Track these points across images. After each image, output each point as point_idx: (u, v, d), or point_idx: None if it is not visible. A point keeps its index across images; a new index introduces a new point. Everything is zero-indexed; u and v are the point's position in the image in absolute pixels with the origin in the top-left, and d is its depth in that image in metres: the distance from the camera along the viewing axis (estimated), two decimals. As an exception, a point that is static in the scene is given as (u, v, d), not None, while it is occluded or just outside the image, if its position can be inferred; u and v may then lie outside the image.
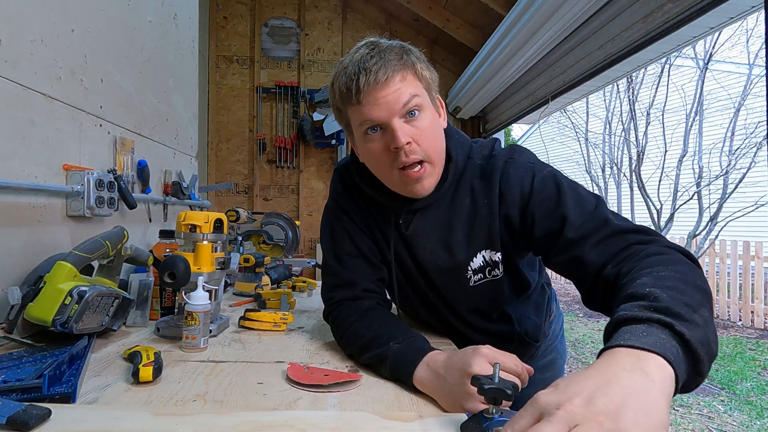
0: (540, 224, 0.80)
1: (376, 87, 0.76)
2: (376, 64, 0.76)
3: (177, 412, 0.58)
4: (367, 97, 0.77)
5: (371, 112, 0.78)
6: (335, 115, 0.89)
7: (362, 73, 0.76)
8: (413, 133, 0.78)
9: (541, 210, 0.80)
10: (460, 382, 0.61)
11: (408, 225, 0.91)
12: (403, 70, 0.78)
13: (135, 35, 1.65)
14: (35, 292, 0.82)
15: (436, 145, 0.82)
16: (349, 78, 0.78)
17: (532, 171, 0.83)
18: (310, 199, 4.18)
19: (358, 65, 0.77)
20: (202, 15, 3.15)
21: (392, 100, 0.77)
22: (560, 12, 2.11)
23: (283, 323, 1.06)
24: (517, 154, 0.88)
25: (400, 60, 0.78)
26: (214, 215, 1.00)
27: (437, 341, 0.97)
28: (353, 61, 0.79)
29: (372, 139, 0.81)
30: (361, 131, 0.81)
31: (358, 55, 0.79)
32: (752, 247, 5.14)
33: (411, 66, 0.80)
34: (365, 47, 0.80)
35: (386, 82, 0.76)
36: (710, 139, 5.89)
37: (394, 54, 0.79)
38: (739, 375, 3.54)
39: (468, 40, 3.73)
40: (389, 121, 0.78)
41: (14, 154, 1.08)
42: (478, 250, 0.88)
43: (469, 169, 0.89)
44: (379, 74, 0.76)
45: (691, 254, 0.66)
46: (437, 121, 0.84)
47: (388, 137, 0.79)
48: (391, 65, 0.77)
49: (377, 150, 0.81)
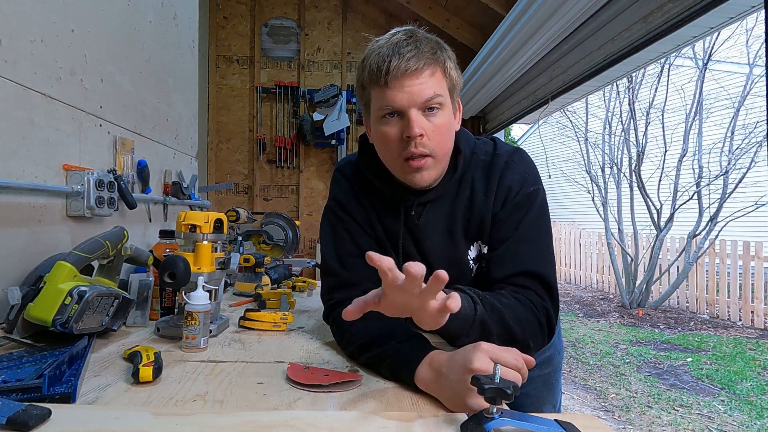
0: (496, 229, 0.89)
1: (405, 74, 0.78)
2: (410, 52, 0.78)
3: (177, 412, 0.58)
4: (394, 82, 0.79)
5: (394, 97, 0.80)
6: (356, 91, 0.91)
7: (395, 56, 0.78)
8: (428, 128, 0.81)
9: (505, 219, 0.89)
10: (462, 378, 0.61)
11: (419, 216, 0.93)
12: (434, 65, 0.80)
13: (135, 35, 1.65)
14: (35, 292, 0.82)
15: (445, 144, 0.85)
16: (381, 58, 0.79)
17: (521, 183, 0.89)
18: (310, 199, 4.18)
19: (393, 48, 0.79)
20: (202, 15, 3.15)
21: (416, 91, 0.79)
22: (560, 12, 2.11)
23: (283, 323, 1.06)
24: (518, 157, 0.92)
25: (433, 54, 0.80)
26: (214, 215, 1.00)
27: (437, 341, 0.97)
28: (389, 44, 0.80)
29: (388, 123, 0.83)
30: (380, 114, 0.83)
31: (395, 39, 0.80)
32: (752, 247, 5.14)
33: (442, 63, 0.82)
34: (404, 33, 0.82)
35: (416, 72, 0.78)
36: (710, 138, 5.88)
37: (429, 47, 0.80)
38: (739, 375, 3.54)
39: (468, 40, 3.73)
40: (408, 110, 0.80)
41: (14, 154, 1.08)
42: (473, 241, 0.92)
43: (472, 164, 0.93)
44: (411, 62, 0.78)
45: (544, 322, 0.82)
46: (452, 121, 0.86)
47: (404, 125, 0.81)
48: (424, 57, 0.79)
49: (390, 135, 0.83)
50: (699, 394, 3.22)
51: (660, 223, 5.82)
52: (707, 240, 5.40)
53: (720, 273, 5.30)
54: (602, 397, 3.24)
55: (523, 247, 0.86)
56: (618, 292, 6.32)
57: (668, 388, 3.33)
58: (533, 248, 0.86)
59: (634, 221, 6.15)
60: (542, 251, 0.87)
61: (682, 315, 5.51)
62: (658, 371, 3.71)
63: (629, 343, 4.49)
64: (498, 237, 0.89)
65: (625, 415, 2.92)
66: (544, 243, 0.88)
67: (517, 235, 0.87)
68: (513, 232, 0.87)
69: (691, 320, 5.26)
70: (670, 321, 5.28)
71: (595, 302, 6.44)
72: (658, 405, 3.05)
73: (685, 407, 3.01)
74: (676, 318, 5.39)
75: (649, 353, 4.14)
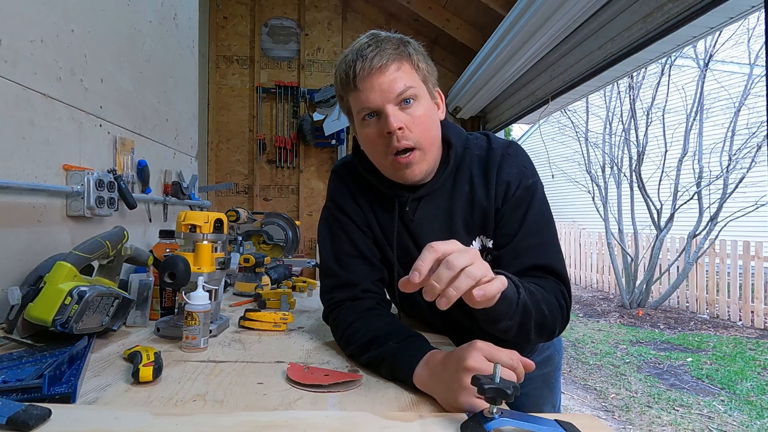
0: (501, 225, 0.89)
1: (371, 73, 0.81)
2: (372, 52, 0.81)
3: (177, 412, 0.58)
4: (363, 83, 0.82)
5: (367, 98, 0.82)
6: (339, 104, 0.93)
7: (359, 59, 0.82)
8: (406, 120, 0.83)
9: (509, 215, 0.89)
10: (456, 376, 0.61)
11: (414, 212, 0.93)
12: (399, 59, 0.83)
13: (135, 35, 1.65)
14: (35, 292, 0.82)
15: (429, 133, 0.86)
16: (347, 65, 0.83)
17: (519, 177, 0.90)
18: (310, 199, 4.17)
19: (356, 53, 0.83)
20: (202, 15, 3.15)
21: (387, 87, 0.81)
22: (560, 12, 2.11)
23: (283, 323, 1.06)
24: (513, 150, 0.93)
25: (396, 50, 0.83)
26: (214, 215, 1.00)
27: (437, 341, 0.97)
28: (353, 50, 0.84)
29: (368, 125, 0.85)
30: (360, 117, 0.86)
31: (358, 45, 0.84)
32: (752, 247, 5.14)
33: (407, 57, 0.84)
34: (366, 37, 0.86)
35: (381, 69, 0.81)
36: (711, 139, 5.88)
37: (391, 44, 0.83)
38: (739, 375, 3.54)
39: (468, 40, 3.73)
40: (383, 107, 0.82)
41: (14, 154, 1.08)
42: (475, 236, 0.93)
43: (467, 158, 0.94)
44: (374, 61, 0.81)
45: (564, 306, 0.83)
46: (433, 111, 0.88)
47: (383, 123, 0.83)
48: (386, 53, 0.82)
49: (373, 135, 0.85)
50: (699, 394, 3.22)
51: (660, 223, 5.81)
52: (707, 240, 5.39)
53: (720, 273, 5.30)
54: (602, 397, 3.24)
55: (530, 241, 0.87)
56: (618, 292, 6.32)
57: (668, 388, 3.33)
58: (541, 240, 0.88)
59: (634, 221, 6.15)
60: (549, 243, 0.88)
61: (682, 315, 5.51)
62: (658, 371, 3.71)
63: (629, 343, 4.50)
64: (504, 233, 0.90)
65: (625, 415, 2.92)
66: (550, 234, 0.89)
67: (524, 231, 0.88)
68: (519, 228, 0.88)
69: (691, 320, 5.26)
70: (670, 321, 5.28)
71: (595, 302, 6.44)
72: (658, 405, 3.05)
73: (685, 407, 3.01)
74: (676, 318, 5.39)
75: (649, 353, 4.14)
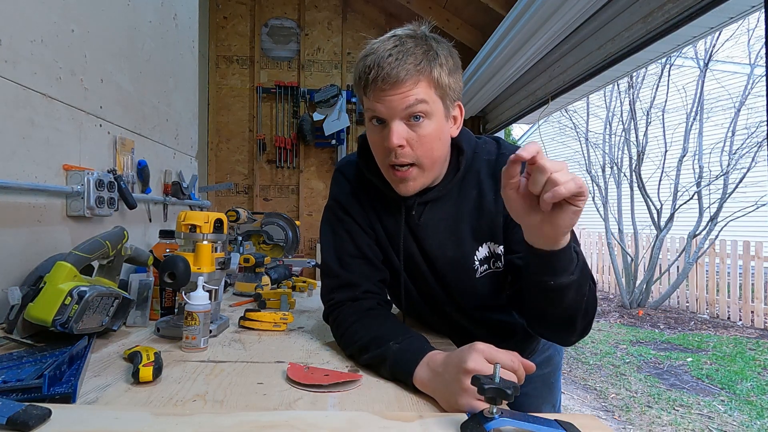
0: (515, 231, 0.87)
1: (384, 86, 0.77)
2: (390, 65, 0.76)
3: (177, 412, 0.58)
4: (374, 93, 0.79)
5: (375, 107, 0.80)
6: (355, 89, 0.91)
7: (375, 68, 0.77)
8: (411, 137, 0.80)
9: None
10: (456, 378, 0.61)
11: (420, 216, 0.93)
12: (417, 75, 0.77)
13: (135, 35, 1.65)
14: (35, 292, 0.82)
15: (432, 153, 0.83)
16: (364, 69, 0.79)
17: None
18: (310, 199, 4.18)
19: (376, 59, 0.77)
20: (202, 15, 3.15)
21: (397, 102, 0.78)
22: (560, 12, 2.11)
23: (283, 323, 1.06)
24: None
25: (417, 66, 0.77)
26: (214, 215, 1.00)
27: (437, 341, 0.97)
28: (375, 53, 0.78)
29: (374, 129, 0.84)
30: (368, 116, 0.85)
31: (382, 49, 0.78)
32: (752, 247, 5.13)
33: (428, 72, 0.78)
34: (392, 42, 0.79)
35: (395, 84, 0.77)
36: (711, 139, 5.88)
37: (414, 58, 0.77)
38: (739, 375, 3.54)
39: (468, 40, 3.73)
40: (390, 121, 0.80)
41: (14, 154, 1.08)
42: (483, 242, 0.91)
43: (476, 163, 0.92)
44: (391, 75, 0.76)
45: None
46: (443, 129, 0.83)
47: (386, 134, 0.81)
48: (404, 68, 0.76)
49: (376, 141, 0.84)
50: (699, 394, 3.22)
51: (660, 223, 5.81)
52: (707, 240, 5.39)
53: (720, 273, 5.30)
54: (602, 397, 3.24)
55: None
56: (618, 292, 6.32)
57: (668, 388, 3.33)
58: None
59: (634, 221, 6.14)
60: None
61: (682, 315, 5.51)
62: (658, 371, 3.71)
63: (629, 343, 4.49)
64: (518, 239, 0.85)
65: (625, 415, 2.92)
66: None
67: None
68: None
69: (691, 320, 5.26)
70: (670, 321, 5.27)
71: (595, 302, 6.43)
72: (658, 405, 3.05)
73: (685, 407, 3.01)
74: (676, 318, 5.38)
75: (649, 353, 4.14)
